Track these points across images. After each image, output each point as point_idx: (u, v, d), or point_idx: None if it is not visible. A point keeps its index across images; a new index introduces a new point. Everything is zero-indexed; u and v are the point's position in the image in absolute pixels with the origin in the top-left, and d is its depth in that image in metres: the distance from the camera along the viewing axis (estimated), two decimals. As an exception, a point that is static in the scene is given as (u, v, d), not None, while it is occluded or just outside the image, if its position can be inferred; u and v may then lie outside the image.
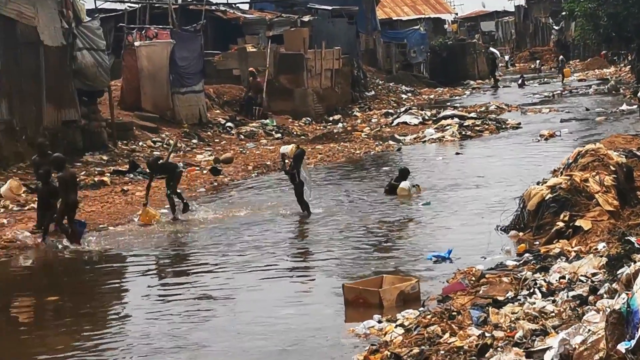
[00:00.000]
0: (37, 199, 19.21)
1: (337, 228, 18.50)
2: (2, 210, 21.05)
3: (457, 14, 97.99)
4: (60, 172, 17.76)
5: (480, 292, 12.13)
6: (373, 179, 25.01)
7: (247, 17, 47.30)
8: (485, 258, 14.75)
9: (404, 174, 22.57)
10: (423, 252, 15.94)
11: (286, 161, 20.14)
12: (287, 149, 20.45)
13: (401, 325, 11.24)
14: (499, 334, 9.81)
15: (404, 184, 22.03)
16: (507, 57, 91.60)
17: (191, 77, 35.10)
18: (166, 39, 35.34)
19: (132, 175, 25.56)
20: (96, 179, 24.68)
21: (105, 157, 28.04)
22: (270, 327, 12.05)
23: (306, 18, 47.30)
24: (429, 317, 11.01)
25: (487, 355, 9.32)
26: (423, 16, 76.39)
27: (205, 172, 26.88)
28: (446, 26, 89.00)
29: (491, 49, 64.91)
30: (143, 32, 36.10)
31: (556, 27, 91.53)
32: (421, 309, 11.93)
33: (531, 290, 11.57)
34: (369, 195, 22.51)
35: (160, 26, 36.98)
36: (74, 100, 28.39)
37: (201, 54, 36.65)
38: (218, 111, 37.48)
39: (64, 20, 27.99)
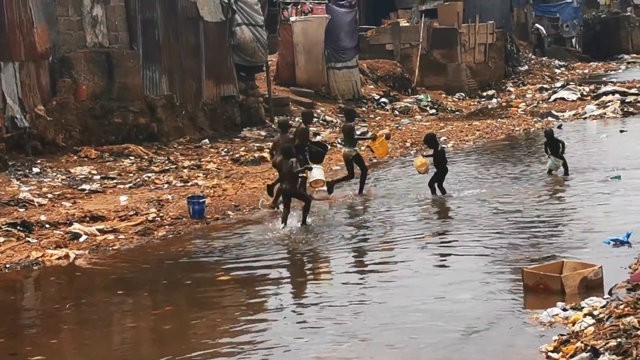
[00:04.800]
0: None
1: (503, 209, 17.91)
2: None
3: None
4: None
5: (676, 281, 11.47)
6: (539, 155, 24.26)
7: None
8: (670, 243, 14.03)
9: None
10: (599, 234, 15.24)
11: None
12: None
13: (590, 314, 10.72)
14: None
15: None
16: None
17: (346, 52, 34.94)
18: (321, 14, 35.27)
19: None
20: (256, 154, 24.60)
21: (263, 133, 28.08)
22: (448, 311, 11.64)
23: (460, -9, 46.58)
24: (621, 306, 10.44)
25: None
26: (576, -11, 74.29)
27: (363, 149, 26.48)
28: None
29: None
30: (298, 7, 36.08)
31: None
32: (607, 297, 11.36)
33: None
34: (534, 172, 21.95)
35: (316, 1, 36.86)
36: (232, 75, 28.58)
37: (356, 28, 36.42)
38: (372, 86, 37.19)
39: (223, -5, 28.15)
